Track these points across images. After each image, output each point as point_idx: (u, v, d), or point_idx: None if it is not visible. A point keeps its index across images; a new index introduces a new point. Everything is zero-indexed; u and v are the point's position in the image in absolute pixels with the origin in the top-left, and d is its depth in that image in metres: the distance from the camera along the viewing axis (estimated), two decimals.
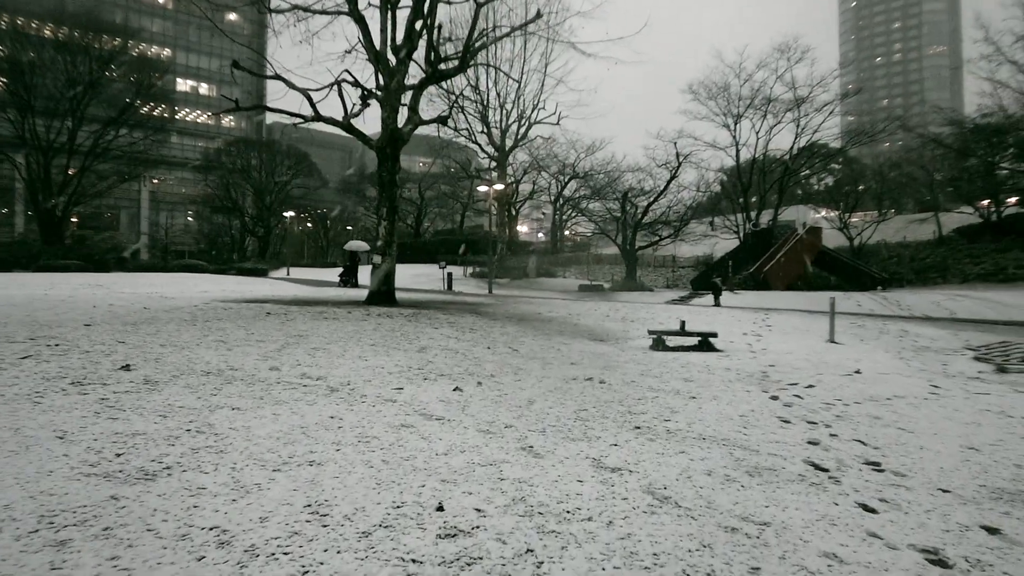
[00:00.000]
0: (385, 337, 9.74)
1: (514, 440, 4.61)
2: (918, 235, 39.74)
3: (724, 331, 13.99)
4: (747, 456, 4.57)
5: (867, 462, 4.60)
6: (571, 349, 10.40)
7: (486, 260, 39.63)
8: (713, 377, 8.22)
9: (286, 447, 4.05)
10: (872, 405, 6.67)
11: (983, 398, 7.25)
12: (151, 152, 58.53)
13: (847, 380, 8.26)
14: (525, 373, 7.65)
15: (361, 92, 17.81)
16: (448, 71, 18.23)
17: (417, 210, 60.60)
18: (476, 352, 9.11)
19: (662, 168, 35.86)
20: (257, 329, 9.58)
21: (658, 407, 6.12)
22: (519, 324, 13.51)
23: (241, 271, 46.95)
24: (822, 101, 38.69)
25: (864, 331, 15.04)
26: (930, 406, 6.71)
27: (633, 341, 12.53)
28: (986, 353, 11.15)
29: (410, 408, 5.37)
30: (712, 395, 6.91)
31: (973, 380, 8.81)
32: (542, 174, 46.51)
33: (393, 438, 4.43)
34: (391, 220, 17.48)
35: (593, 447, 4.56)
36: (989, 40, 17.99)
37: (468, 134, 39.31)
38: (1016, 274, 27.77)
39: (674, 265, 40.62)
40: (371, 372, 6.84)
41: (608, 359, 9.51)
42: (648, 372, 8.37)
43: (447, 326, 11.93)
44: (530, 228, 75.65)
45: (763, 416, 5.98)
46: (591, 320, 15.50)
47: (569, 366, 8.50)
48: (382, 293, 17.23)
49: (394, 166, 17.62)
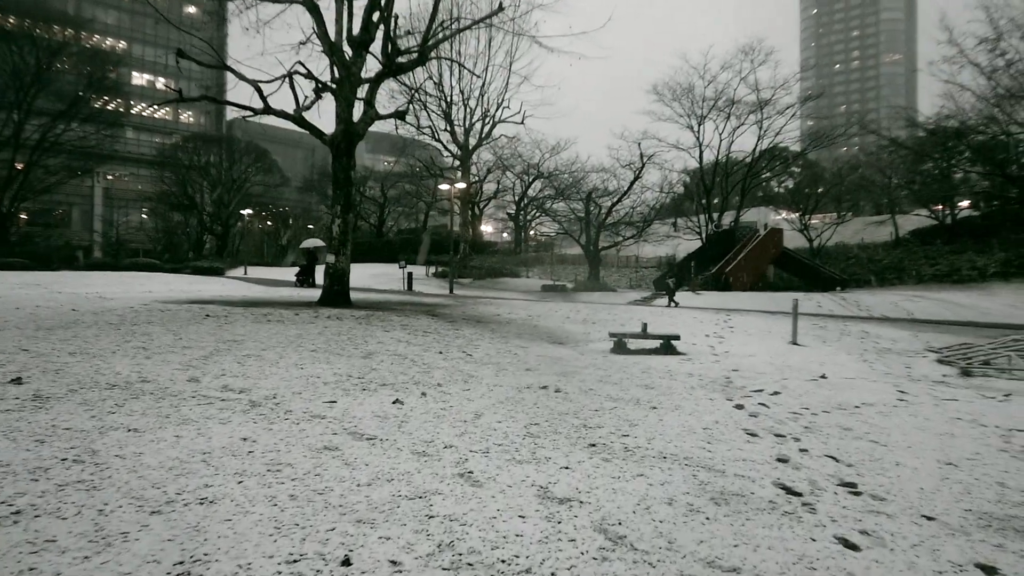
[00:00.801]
0: (330, 342, 9.10)
1: (452, 464, 4.06)
2: (876, 237, 40.34)
3: (686, 333, 13.66)
4: (712, 479, 4.11)
5: (842, 483, 4.18)
6: (528, 353, 9.89)
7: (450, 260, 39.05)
8: (675, 384, 7.79)
9: (177, 480, 3.44)
10: (841, 414, 6.30)
11: (952, 405, 6.96)
12: (103, 147, 56.44)
13: (813, 386, 7.91)
14: (476, 381, 7.11)
15: (315, 85, 17.08)
16: (407, 64, 17.59)
17: (380, 209, 59.55)
18: (427, 358, 8.54)
19: (626, 168, 35.72)
20: (188, 334, 8.86)
21: (616, 420, 5.64)
22: (476, 326, 12.97)
23: (197, 270, 45.51)
24: (784, 104, 39.04)
25: (826, 332, 14.88)
26: (900, 415, 6.36)
27: (594, 344, 12.08)
28: (948, 355, 10.98)
29: (340, 426, 4.78)
30: (674, 404, 6.46)
31: (939, 384, 8.55)
32: (506, 174, 46.05)
33: (310, 465, 3.85)
34: (345, 217, 16.77)
35: (541, 471, 4.04)
36: (952, 42, 18.20)
37: (431, 132, 38.63)
38: (969, 275, 28.20)
39: (637, 265, 40.52)
40: (304, 382, 6.23)
41: (566, 364, 9.03)
42: (607, 379, 7.91)
43: (400, 329, 11.33)
44: (495, 228, 75.05)
45: (728, 428, 5.55)
46: (552, 322, 15.03)
47: (524, 372, 7.99)
48: (335, 293, 16.51)
49: (349, 162, 16.92)
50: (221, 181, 61.26)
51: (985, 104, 16.81)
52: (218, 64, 16.67)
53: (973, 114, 19.85)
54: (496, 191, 49.65)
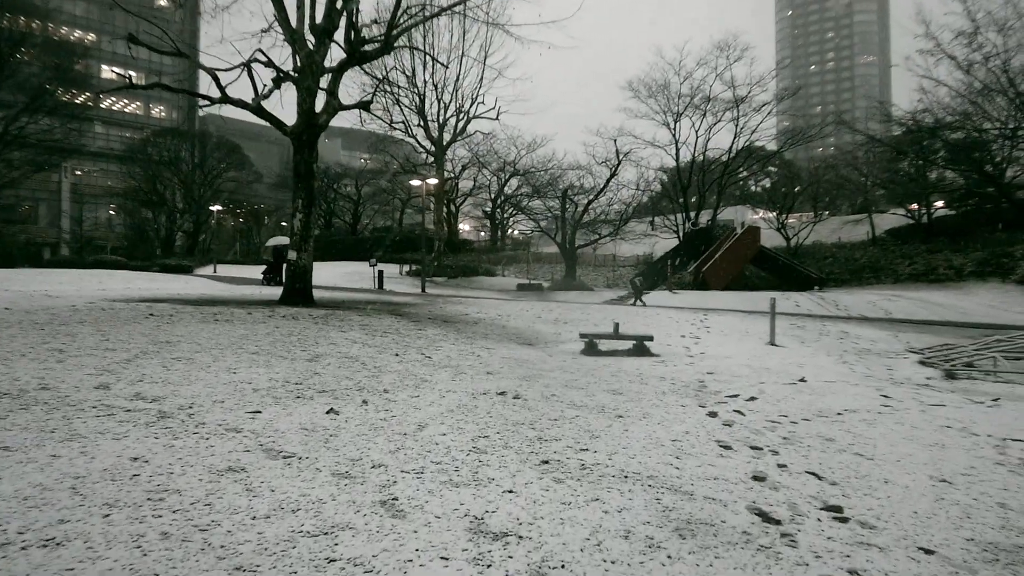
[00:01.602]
0: (276, 343, 8.45)
1: (376, 488, 3.47)
2: (852, 236, 40.32)
3: (661, 333, 13.18)
4: (678, 503, 3.56)
5: (826, 506, 3.66)
6: (492, 355, 9.32)
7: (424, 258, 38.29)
8: (645, 388, 7.26)
9: (27, 513, 2.81)
10: (822, 423, 5.80)
11: (940, 411, 6.50)
12: (70, 141, 54.84)
13: (792, 391, 7.43)
14: (429, 387, 6.52)
15: (276, 74, 16.35)
16: (372, 53, 16.91)
17: (354, 206, 58.58)
18: (380, 360, 7.93)
19: (602, 166, 35.25)
20: (120, 334, 8.15)
21: (576, 431, 5.08)
22: (441, 326, 12.36)
23: (165, 268, 44.45)
24: (760, 101, 38.84)
25: (804, 333, 14.49)
26: (885, 423, 5.88)
27: (564, 345, 11.53)
28: (930, 357, 10.60)
29: (255, 441, 4.17)
30: (642, 412, 5.92)
31: (923, 388, 8.12)
32: (483, 171, 45.41)
33: (203, 492, 3.23)
34: (307, 212, 16.10)
35: (480, 496, 3.46)
36: (929, 35, 17.96)
37: (404, 127, 37.81)
38: (945, 275, 28.13)
39: (614, 264, 40.10)
40: (232, 389, 5.59)
41: (531, 367, 8.46)
42: (573, 383, 7.35)
43: (358, 329, 10.69)
44: (472, 227, 74.42)
45: (699, 440, 5.02)
46: (522, 321, 14.46)
47: (485, 376, 7.41)
48: (297, 292, 15.82)
49: (311, 154, 16.23)
50: (193, 177, 59.96)
51: (961, 100, 16.61)
52: (174, 51, 15.84)
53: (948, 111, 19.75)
54: (472, 188, 48.96)
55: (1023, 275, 24.81)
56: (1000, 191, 27.25)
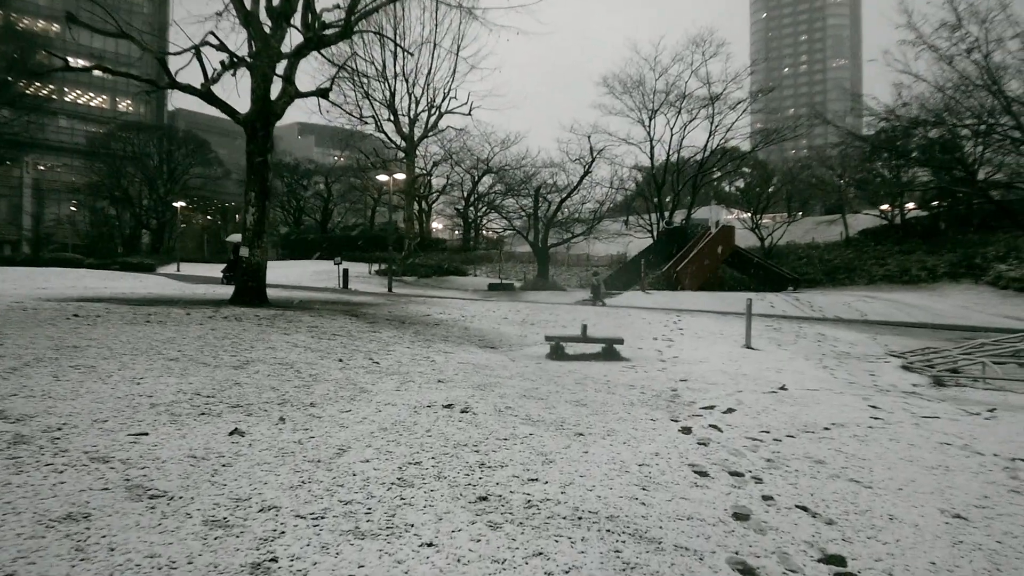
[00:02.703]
0: (204, 348, 7.57)
1: (253, 544, 2.68)
2: (826, 236, 40.23)
3: (632, 335, 12.51)
4: (643, 556, 2.82)
5: (825, 557, 2.95)
6: (449, 360, 8.54)
7: (395, 258, 37.26)
8: (612, 398, 6.54)
9: None
10: (809, 440, 5.13)
11: (935, 425, 5.87)
12: (29, 134, 52.91)
13: (772, 400, 6.77)
14: (366, 399, 5.73)
15: (230, 58, 15.39)
16: (330, 37, 16.00)
17: (324, 204, 57.33)
18: (320, 367, 7.11)
19: (576, 163, 34.55)
20: (20, 339, 7.21)
21: (528, 453, 4.33)
22: (399, 328, 11.55)
23: (125, 266, 43.05)
24: (736, 99, 38.49)
25: (780, 335, 13.93)
26: (879, 439, 5.23)
27: (529, 348, 10.80)
28: (913, 361, 10.06)
29: (123, 475, 3.34)
30: (606, 429, 5.20)
31: (912, 396, 7.52)
32: (456, 169, 44.52)
33: (11, 555, 2.41)
34: (261, 206, 15.13)
35: (389, 553, 2.69)
36: (911, 26, 17.56)
37: (375, 122, 36.75)
38: (919, 276, 27.96)
39: (588, 264, 39.46)
40: (124, 404, 4.74)
41: (489, 373, 7.70)
42: (533, 392, 6.61)
43: (305, 331, 9.84)
44: (446, 226, 73.45)
45: (671, 464, 4.30)
46: (487, 323, 13.70)
47: (434, 385, 6.63)
48: (250, 290, 14.87)
49: (265, 143, 15.28)
50: (158, 173, 58.24)
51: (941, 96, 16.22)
52: (117, 32, 14.79)
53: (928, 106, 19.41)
54: (445, 186, 48.04)
55: (996, 277, 24.64)
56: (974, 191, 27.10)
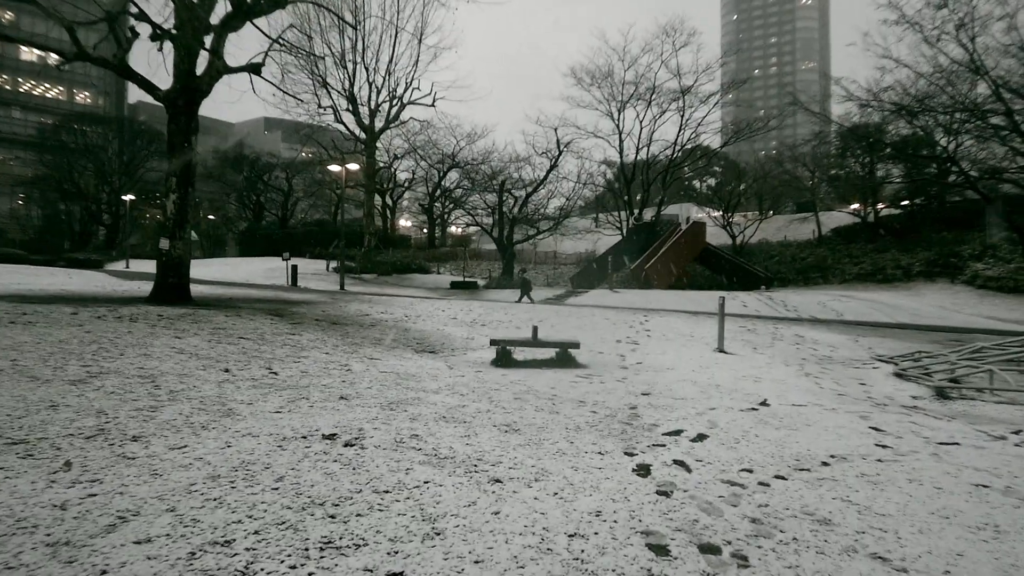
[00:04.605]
0: (52, 355, 6.07)
1: None
2: (798, 234, 39.53)
3: (594, 337, 11.22)
4: None
5: None
6: (369, 369, 7.14)
7: (355, 254, 35.56)
8: (554, 422, 5.21)
9: None
10: (806, 484, 3.83)
11: (957, 455, 4.63)
12: None
13: (752, 420, 5.49)
14: (223, 427, 4.31)
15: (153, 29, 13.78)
16: (262, 6, 14.45)
17: (285, 198, 55.26)
18: (193, 379, 5.67)
19: (543, 156, 33.22)
20: None
21: (408, 519, 2.96)
22: (326, 330, 10.09)
23: (72, 263, 41.16)
24: (706, 92, 37.59)
25: (756, 337, 12.77)
26: (895, 480, 3.96)
27: (474, 353, 9.44)
28: (904, 369, 8.91)
29: None
30: (536, 470, 3.85)
31: (915, 413, 6.31)
32: (421, 164, 42.93)
33: None
34: (183, 193, 13.56)
35: None
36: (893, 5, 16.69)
37: (334, 112, 34.96)
38: (894, 275, 27.21)
39: (555, 262, 38.22)
40: None
41: (411, 387, 6.32)
42: (456, 412, 5.25)
43: (207, 334, 8.34)
44: (414, 223, 71.80)
45: (617, 532, 2.97)
46: (431, 323, 12.29)
47: (332, 405, 5.23)
48: (170, 288, 13.29)
49: (189, 123, 13.71)
50: (112, 166, 55.75)
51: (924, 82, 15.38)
52: None
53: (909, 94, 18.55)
54: (411, 181, 46.38)
55: (973, 276, 23.92)
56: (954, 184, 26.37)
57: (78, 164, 54.56)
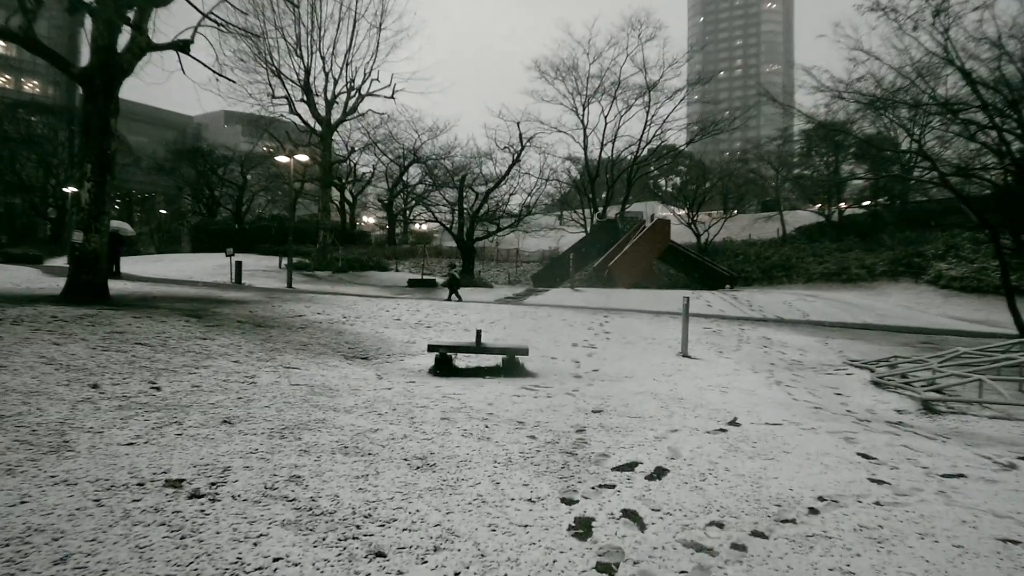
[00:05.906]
0: None
1: None
2: (763, 233, 39.29)
3: (548, 340, 10.32)
4: None
5: None
6: (280, 382, 6.11)
7: (310, 251, 34.18)
8: (483, 451, 4.26)
9: None
10: (791, 546, 2.93)
11: (968, 492, 3.81)
12: None
13: (721, 448, 4.61)
14: (36, 469, 3.26)
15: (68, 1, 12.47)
16: None
17: (239, 193, 53.30)
18: (41, 398, 4.58)
19: (505, 151, 32.24)
20: None
21: None
22: (247, 333, 8.98)
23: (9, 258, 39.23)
24: (672, 87, 37.10)
25: (721, 339, 12.02)
26: (903, 535, 3.09)
27: (412, 359, 8.44)
28: (881, 376, 8.18)
29: None
30: (440, 530, 2.89)
31: (904, 432, 5.52)
32: (382, 158, 41.61)
33: None
34: (100, 181, 12.23)
35: None
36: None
37: (288, 103, 33.44)
38: (858, 274, 26.95)
39: (518, 260, 37.29)
40: None
41: (322, 403, 5.31)
42: (362, 441, 4.27)
43: (99, 338, 7.20)
44: (377, 219, 70.27)
45: None
46: (371, 325, 11.24)
47: (208, 431, 4.20)
48: (83, 285, 12.00)
49: (108, 104, 12.39)
50: (61, 157, 53.30)
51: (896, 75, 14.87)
52: None
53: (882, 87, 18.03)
54: (371, 176, 44.97)
55: (936, 275, 23.68)
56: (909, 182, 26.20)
57: (20, 155, 51.99)
